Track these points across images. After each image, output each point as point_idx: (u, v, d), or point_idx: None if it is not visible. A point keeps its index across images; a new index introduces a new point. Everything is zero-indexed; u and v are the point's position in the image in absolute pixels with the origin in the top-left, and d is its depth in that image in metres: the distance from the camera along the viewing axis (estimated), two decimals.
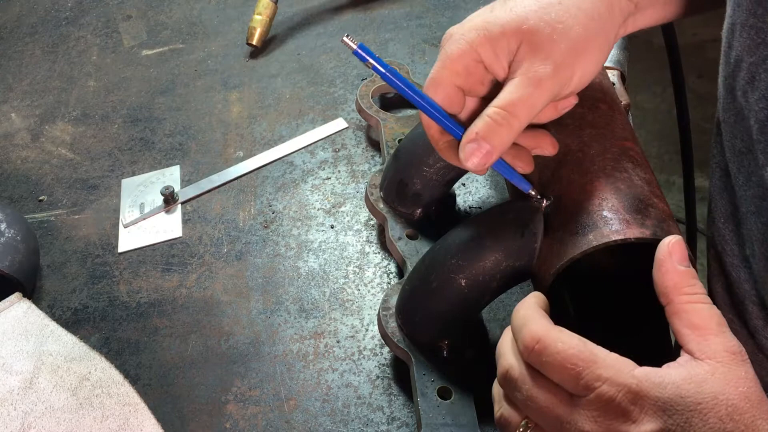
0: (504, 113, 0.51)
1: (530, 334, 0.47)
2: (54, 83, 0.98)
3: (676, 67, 0.90)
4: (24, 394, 0.60)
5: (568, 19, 0.51)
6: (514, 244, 0.56)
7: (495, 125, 0.51)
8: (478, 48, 0.52)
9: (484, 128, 0.51)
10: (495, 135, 0.51)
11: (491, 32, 0.51)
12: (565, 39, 0.51)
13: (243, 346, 0.69)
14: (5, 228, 0.71)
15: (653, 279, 0.48)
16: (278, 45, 1.00)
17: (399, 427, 0.62)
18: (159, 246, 0.78)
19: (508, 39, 0.51)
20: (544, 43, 0.51)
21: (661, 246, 0.48)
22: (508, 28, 0.51)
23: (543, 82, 0.51)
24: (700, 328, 0.45)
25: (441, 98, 0.53)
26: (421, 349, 0.61)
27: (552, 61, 0.51)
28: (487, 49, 0.52)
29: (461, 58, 0.52)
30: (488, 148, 0.51)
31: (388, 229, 0.71)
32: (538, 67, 0.51)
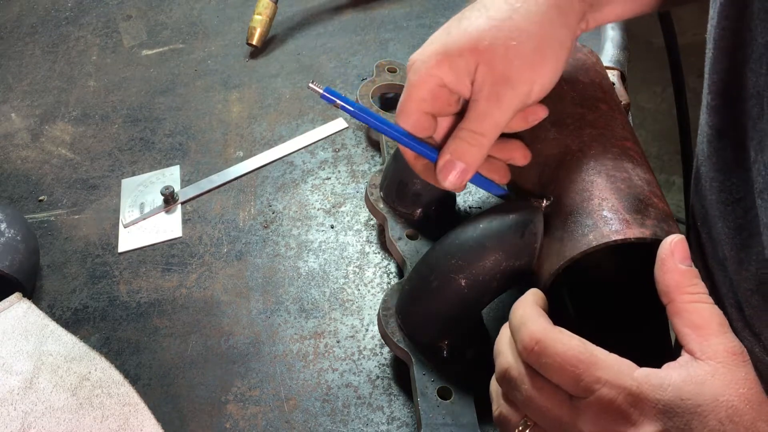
0: (472, 134, 0.54)
1: (529, 335, 0.47)
2: (54, 83, 0.98)
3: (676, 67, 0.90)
4: (24, 394, 0.60)
5: (520, 35, 0.53)
6: (514, 244, 0.56)
7: (466, 145, 0.54)
8: (439, 73, 0.53)
9: (456, 149, 0.55)
10: (467, 154, 0.55)
11: (450, 56, 0.53)
12: (519, 56, 0.52)
13: (243, 346, 0.69)
14: (5, 228, 0.71)
15: (655, 278, 0.48)
16: (278, 45, 1.00)
17: (399, 427, 0.62)
18: (159, 246, 0.78)
19: (466, 60, 0.53)
20: (499, 62, 0.52)
21: (664, 245, 0.49)
22: (465, 49, 0.53)
23: (503, 100, 0.53)
24: (702, 328, 0.45)
25: (411, 126, 0.56)
26: (421, 349, 0.61)
27: (509, 78, 0.53)
28: (447, 72, 0.53)
29: (424, 85, 0.54)
30: (463, 167, 0.55)
31: (388, 229, 0.71)
32: (497, 87, 0.53)
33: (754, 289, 0.56)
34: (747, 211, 0.56)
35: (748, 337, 0.60)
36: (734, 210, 0.57)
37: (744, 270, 0.57)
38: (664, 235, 0.53)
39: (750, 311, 0.58)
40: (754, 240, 0.55)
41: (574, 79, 0.64)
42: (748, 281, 0.57)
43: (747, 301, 0.58)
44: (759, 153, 0.52)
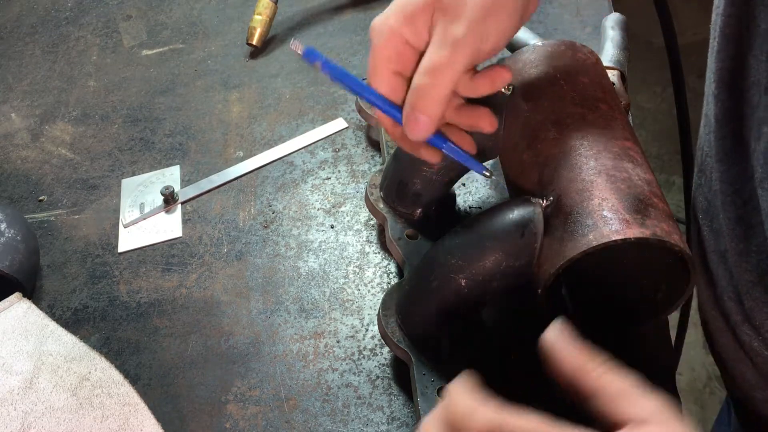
0: (427, 78, 0.53)
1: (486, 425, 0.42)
2: (54, 83, 0.98)
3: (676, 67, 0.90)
4: (24, 394, 0.60)
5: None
6: (514, 244, 0.56)
7: (422, 91, 0.53)
8: (400, 31, 0.54)
9: (414, 97, 0.54)
10: (424, 100, 0.54)
11: (407, 11, 0.53)
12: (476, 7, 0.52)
13: (243, 346, 0.69)
14: (5, 228, 0.71)
15: (551, 371, 0.46)
16: (278, 45, 1.00)
17: (399, 427, 0.62)
18: (159, 246, 0.78)
19: (423, 12, 0.53)
20: (453, 7, 0.52)
21: (547, 337, 0.47)
22: (421, 2, 0.53)
23: (458, 41, 0.52)
24: (624, 397, 0.43)
25: (384, 88, 0.55)
26: (421, 349, 0.61)
27: (464, 19, 0.52)
28: (408, 29, 0.54)
29: (388, 44, 0.54)
30: (423, 117, 0.54)
31: (388, 229, 0.71)
32: (450, 27, 0.52)
33: (755, 281, 0.56)
34: (747, 201, 0.56)
35: (747, 331, 0.60)
36: (734, 201, 0.57)
37: (744, 261, 0.57)
38: (664, 235, 0.53)
39: (750, 303, 0.58)
40: (755, 230, 0.55)
41: (574, 79, 0.64)
42: (749, 273, 0.56)
43: (748, 294, 0.58)
44: (756, 142, 0.52)
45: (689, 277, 0.56)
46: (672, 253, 0.55)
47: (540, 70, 0.65)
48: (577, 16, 0.95)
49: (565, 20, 0.95)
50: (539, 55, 0.66)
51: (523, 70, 0.66)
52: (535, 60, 0.66)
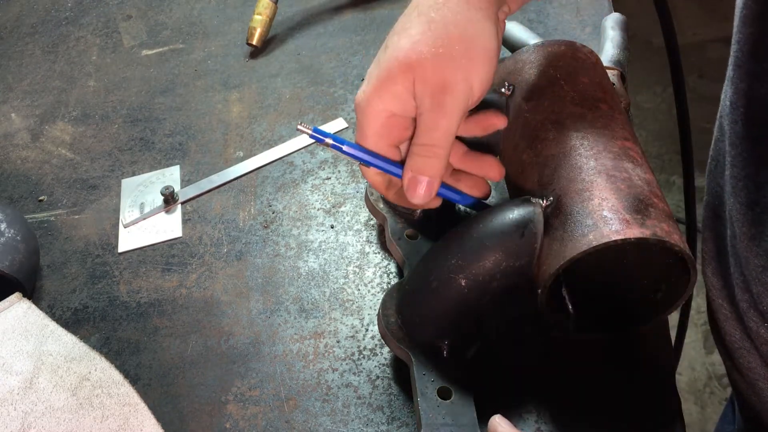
0: (425, 147, 0.56)
1: None
2: (54, 83, 0.98)
3: (676, 67, 0.90)
4: (24, 394, 0.60)
5: (443, 42, 0.54)
6: (514, 244, 0.56)
7: (423, 159, 0.56)
8: (383, 106, 0.55)
9: (415, 165, 0.57)
10: (426, 167, 0.56)
11: (386, 85, 0.54)
12: (449, 61, 0.53)
13: (243, 346, 0.69)
14: (5, 228, 0.71)
15: None
16: (278, 45, 1.00)
17: (399, 427, 0.62)
18: (159, 246, 0.78)
19: (403, 82, 0.54)
20: (431, 73, 0.53)
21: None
22: (397, 73, 0.54)
23: (446, 107, 0.54)
24: None
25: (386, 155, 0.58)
26: (421, 349, 0.61)
27: (445, 85, 0.54)
28: (390, 101, 0.55)
29: (375, 121, 0.56)
30: (427, 180, 0.57)
31: (388, 229, 0.71)
32: (436, 97, 0.54)
33: (764, 265, 0.56)
34: (760, 186, 0.56)
35: (754, 317, 0.60)
36: (747, 185, 0.57)
37: (756, 246, 0.57)
38: (664, 235, 0.53)
39: (758, 288, 0.58)
40: (766, 216, 0.55)
41: (574, 79, 0.64)
42: (759, 257, 0.56)
43: (756, 279, 0.57)
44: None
45: (689, 277, 0.56)
46: (672, 253, 0.55)
47: (540, 70, 0.65)
48: (577, 16, 0.95)
49: (565, 20, 0.95)
50: (539, 55, 0.66)
51: (523, 70, 0.66)
52: (535, 60, 0.66)
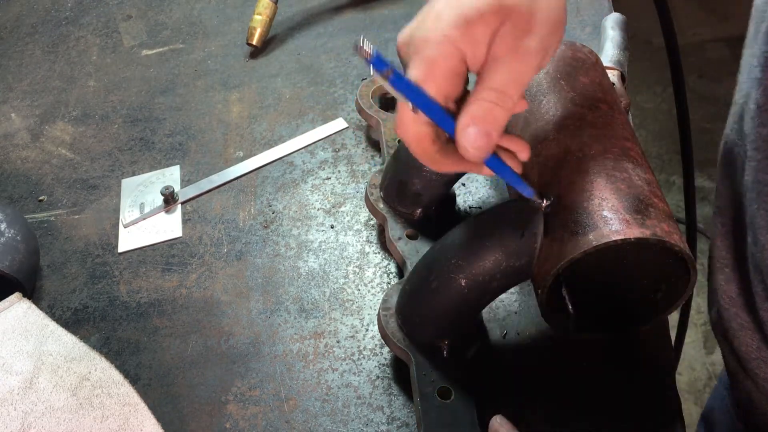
0: (497, 93, 0.50)
1: None
2: (54, 83, 0.98)
3: (676, 67, 0.90)
4: (24, 394, 0.60)
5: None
6: (514, 244, 0.56)
7: (490, 105, 0.50)
8: (459, 43, 0.49)
9: (479, 110, 0.50)
10: (491, 116, 0.50)
11: (473, 23, 0.48)
12: (541, 10, 0.49)
13: (243, 346, 0.69)
14: (5, 228, 0.71)
15: None
16: (278, 45, 0.99)
17: (399, 427, 0.62)
18: (159, 246, 0.78)
19: (491, 23, 0.49)
20: (525, 18, 0.49)
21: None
22: (487, 10, 0.48)
23: (530, 58, 0.50)
24: None
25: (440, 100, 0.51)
26: (421, 349, 0.61)
27: (536, 33, 0.49)
28: (469, 43, 0.49)
29: (449, 58, 0.49)
30: (486, 130, 0.50)
31: (388, 229, 0.71)
32: (523, 40, 0.49)
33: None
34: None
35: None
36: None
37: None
38: (664, 235, 0.53)
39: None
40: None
41: (574, 79, 0.64)
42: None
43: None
44: None
45: (689, 277, 0.56)
46: (672, 253, 0.55)
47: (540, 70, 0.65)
48: (577, 16, 0.95)
49: None
50: None
51: None
52: None
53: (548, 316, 0.60)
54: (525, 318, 0.67)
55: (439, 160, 0.53)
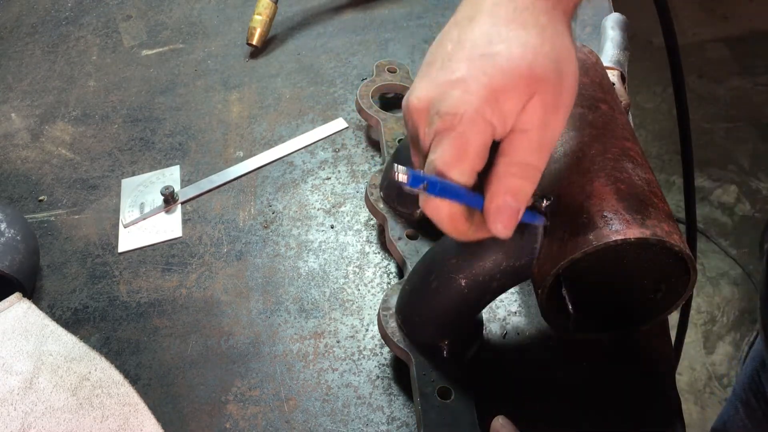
0: (525, 168, 0.48)
1: None
2: (54, 83, 0.98)
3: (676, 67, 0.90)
4: (24, 394, 0.60)
5: (561, 56, 0.48)
6: (514, 244, 0.56)
7: (520, 182, 0.48)
8: (494, 119, 0.47)
9: (511, 186, 0.48)
10: (520, 193, 0.49)
11: (504, 96, 0.47)
12: (566, 79, 0.49)
13: (243, 346, 0.69)
14: (5, 228, 0.71)
15: None
16: (278, 45, 1.00)
17: (399, 427, 0.62)
18: (159, 246, 0.78)
19: (519, 96, 0.47)
20: (554, 90, 0.48)
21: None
22: (519, 85, 0.47)
23: (557, 130, 0.49)
24: None
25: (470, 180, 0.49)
26: (421, 349, 0.61)
27: (564, 107, 0.49)
28: (499, 116, 0.47)
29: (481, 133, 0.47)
30: (517, 208, 0.49)
31: (388, 229, 0.71)
32: (553, 116, 0.48)
33: None
34: None
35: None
36: None
37: None
38: (664, 235, 0.53)
39: None
40: None
41: None
42: None
43: None
44: None
45: (689, 277, 0.56)
46: (672, 253, 0.55)
47: None
48: (577, 16, 0.95)
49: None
50: None
51: None
52: None
53: (548, 316, 0.60)
54: (525, 318, 0.67)
55: (471, 235, 0.52)
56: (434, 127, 0.48)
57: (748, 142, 2.17)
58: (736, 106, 2.25)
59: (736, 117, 2.22)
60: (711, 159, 2.12)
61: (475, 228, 0.51)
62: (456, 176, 0.48)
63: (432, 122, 0.48)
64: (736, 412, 0.92)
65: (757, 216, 2.04)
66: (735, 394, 0.93)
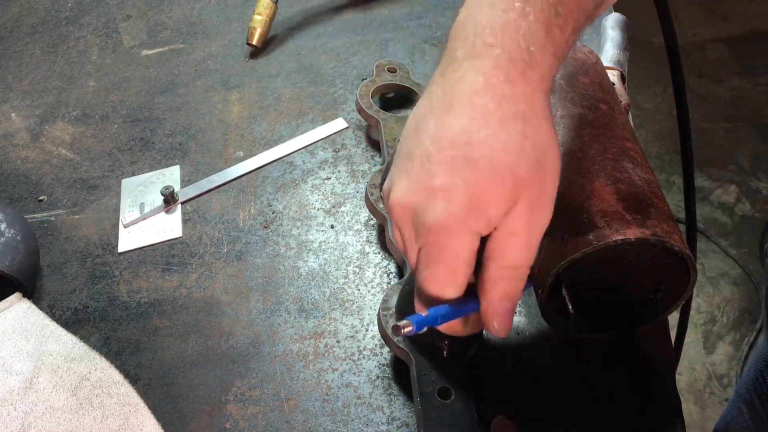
0: (515, 270, 0.49)
1: None
2: (54, 83, 0.98)
3: (676, 67, 0.90)
4: (24, 394, 0.60)
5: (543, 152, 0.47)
6: None
7: (512, 285, 0.49)
8: (473, 226, 0.47)
9: (505, 290, 0.49)
10: (513, 294, 0.50)
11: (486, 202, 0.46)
12: (548, 175, 0.48)
13: (243, 346, 0.69)
14: (5, 228, 0.71)
15: None
16: (278, 45, 1.00)
17: (399, 427, 0.62)
18: (159, 246, 0.78)
19: (502, 203, 0.47)
20: (538, 191, 0.48)
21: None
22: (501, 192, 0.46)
23: (539, 225, 0.49)
24: None
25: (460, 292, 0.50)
26: (421, 349, 0.61)
27: (548, 207, 0.49)
28: (484, 222, 0.47)
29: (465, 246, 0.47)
30: (511, 309, 0.50)
31: (388, 229, 0.70)
32: (534, 215, 0.48)
33: None
34: None
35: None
36: None
37: None
38: (664, 235, 0.53)
39: None
40: None
41: (574, 79, 0.64)
42: None
43: None
44: None
45: (689, 277, 0.56)
46: (672, 253, 0.55)
47: None
48: None
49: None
50: None
51: None
52: None
53: (548, 316, 0.60)
54: (525, 318, 0.67)
55: (468, 332, 0.54)
56: (421, 240, 0.48)
57: (748, 142, 2.17)
58: (736, 106, 2.25)
59: (736, 117, 2.22)
60: (711, 159, 2.12)
61: (471, 325, 0.53)
62: (450, 294, 0.49)
63: (418, 233, 0.48)
64: (739, 413, 0.92)
65: (757, 216, 2.04)
66: (738, 394, 0.93)
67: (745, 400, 0.91)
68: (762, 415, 0.88)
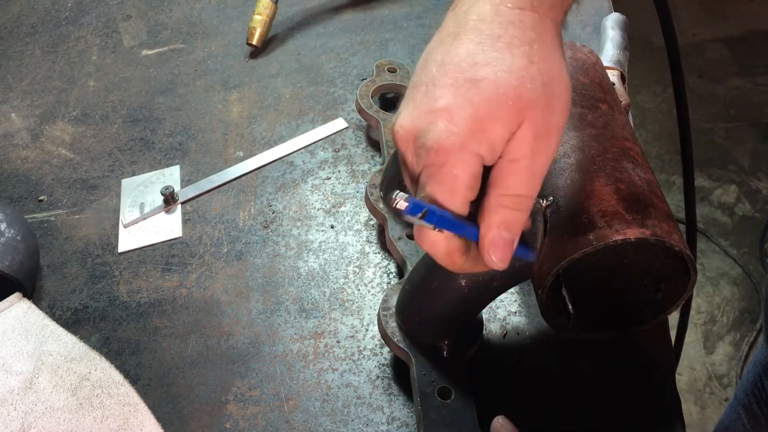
0: (517, 198, 0.47)
1: None
2: (54, 83, 0.98)
3: (676, 67, 0.90)
4: (24, 394, 0.60)
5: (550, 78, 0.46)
6: None
7: (512, 213, 0.47)
8: (476, 149, 0.45)
9: (504, 219, 0.47)
10: (514, 224, 0.48)
11: (490, 125, 0.45)
12: (555, 102, 0.47)
13: (243, 346, 0.69)
14: (5, 228, 0.71)
15: None
16: (278, 45, 0.99)
17: (399, 427, 0.62)
18: (159, 246, 0.78)
19: (509, 124, 0.45)
20: (544, 116, 0.46)
21: None
22: (507, 113, 0.45)
23: (548, 157, 0.47)
24: None
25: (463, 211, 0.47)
26: (421, 349, 0.61)
27: (555, 135, 0.47)
28: (487, 145, 0.46)
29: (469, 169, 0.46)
30: (511, 239, 0.48)
31: (388, 229, 0.71)
32: (539, 142, 0.46)
33: None
34: None
35: None
36: None
37: None
38: (664, 235, 0.53)
39: None
40: None
41: (574, 79, 0.64)
42: None
43: None
44: None
45: (689, 277, 0.56)
46: (672, 253, 0.55)
47: None
48: (577, 16, 0.95)
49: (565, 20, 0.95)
50: None
51: None
52: None
53: (548, 316, 0.60)
54: (525, 318, 0.67)
55: (468, 268, 0.51)
56: (421, 162, 0.47)
57: (748, 142, 2.17)
58: (736, 106, 2.25)
59: (736, 117, 2.22)
60: (711, 159, 2.12)
61: (471, 261, 0.50)
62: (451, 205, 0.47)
63: (419, 155, 0.47)
64: (738, 417, 0.92)
65: (757, 216, 2.04)
66: (737, 398, 0.93)
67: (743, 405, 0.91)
68: (761, 420, 0.88)
